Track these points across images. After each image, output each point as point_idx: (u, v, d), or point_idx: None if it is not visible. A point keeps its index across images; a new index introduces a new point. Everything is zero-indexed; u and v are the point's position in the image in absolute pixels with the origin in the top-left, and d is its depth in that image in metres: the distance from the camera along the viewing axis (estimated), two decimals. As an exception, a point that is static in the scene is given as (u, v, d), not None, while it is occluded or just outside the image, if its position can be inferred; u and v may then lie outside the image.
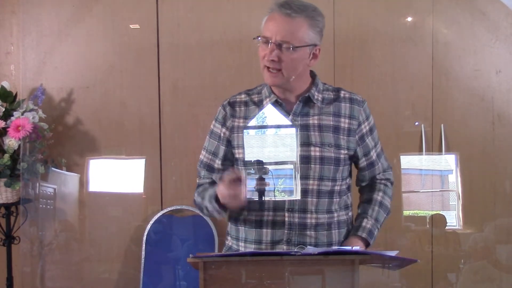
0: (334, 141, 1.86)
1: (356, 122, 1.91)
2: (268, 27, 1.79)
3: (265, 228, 1.86)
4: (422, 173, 3.10)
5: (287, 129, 1.82)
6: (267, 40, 1.78)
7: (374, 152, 1.97)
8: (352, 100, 1.93)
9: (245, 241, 1.90)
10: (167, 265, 2.93)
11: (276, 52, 1.77)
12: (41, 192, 2.94)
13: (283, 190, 1.79)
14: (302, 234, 1.85)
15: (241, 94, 1.98)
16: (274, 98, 1.88)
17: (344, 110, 1.90)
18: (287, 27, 1.77)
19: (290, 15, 1.76)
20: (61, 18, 3.02)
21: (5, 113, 2.82)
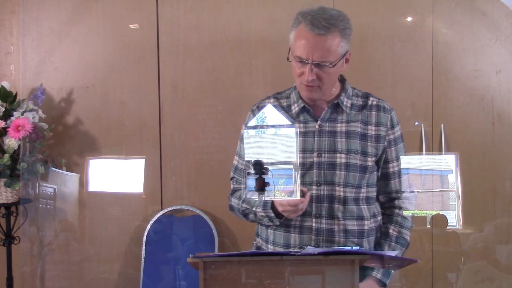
0: (361, 148, 1.87)
1: (384, 129, 1.92)
2: (302, 47, 1.76)
3: (293, 232, 1.87)
4: (422, 173, 3.10)
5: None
6: (303, 60, 1.77)
7: (394, 164, 1.94)
8: (379, 107, 1.94)
9: (274, 243, 1.92)
10: (167, 265, 2.93)
11: (314, 71, 1.77)
12: (41, 192, 2.94)
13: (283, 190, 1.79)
14: (330, 240, 1.86)
15: (270, 98, 1.98)
16: (302, 104, 1.89)
17: (371, 117, 1.91)
18: (322, 46, 1.75)
19: (324, 34, 1.74)
20: (61, 18, 3.02)
21: (5, 113, 2.82)
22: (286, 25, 2.97)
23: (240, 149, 1.98)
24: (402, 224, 1.94)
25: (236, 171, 2.00)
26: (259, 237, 2.01)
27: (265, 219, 1.87)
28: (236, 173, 1.99)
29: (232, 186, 2.01)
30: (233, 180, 2.01)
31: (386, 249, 1.90)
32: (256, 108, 1.96)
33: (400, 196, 1.96)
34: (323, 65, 1.77)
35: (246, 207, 1.91)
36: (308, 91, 1.83)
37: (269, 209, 1.83)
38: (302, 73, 1.79)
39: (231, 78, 2.98)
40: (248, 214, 1.92)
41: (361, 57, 2.99)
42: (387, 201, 1.97)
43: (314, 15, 1.76)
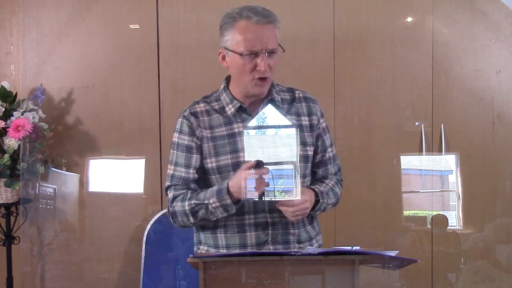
0: (300, 139, 1.90)
1: (316, 118, 1.97)
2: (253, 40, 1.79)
3: (249, 231, 1.87)
4: (422, 173, 3.10)
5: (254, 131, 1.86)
6: (255, 53, 1.79)
7: (330, 151, 2.02)
8: (306, 98, 1.99)
9: (227, 247, 1.90)
10: (167, 265, 2.93)
11: (267, 62, 1.80)
12: (41, 192, 2.94)
13: (283, 190, 1.79)
14: (285, 233, 1.88)
15: (199, 103, 1.97)
16: (238, 104, 1.90)
17: (301, 109, 1.96)
18: (272, 34, 1.80)
19: (269, 23, 1.80)
20: (61, 18, 3.02)
21: (5, 113, 2.82)
22: (286, 25, 2.98)
23: (174, 156, 1.93)
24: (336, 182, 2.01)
25: (174, 178, 1.93)
26: (203, 244, 1.97)
27: (218, 210, 1.81)
28: (174, 181, 1.93)
29: (171, 194, 1.93)
30: (170, 189, 1.95)
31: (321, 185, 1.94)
32: (189, 114, 1.93)
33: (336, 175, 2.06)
34: (274, 53, 1.81)
35: (195, 202, 1.84)
36: (261, 86, 1.85)
37: (226, 195, 1.78)
38: (254, 67, 1.80)
39: (231, 78, 2.98)
40: (198, 211, 1.84)
41: (361, 57, 2.99)
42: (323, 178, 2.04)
43: (251, 10, 1.80)
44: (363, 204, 2.96)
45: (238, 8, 1.83)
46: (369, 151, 3.00)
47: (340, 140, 2.96)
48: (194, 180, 1.91)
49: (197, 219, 1.88)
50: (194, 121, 1.91)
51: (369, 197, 2.98)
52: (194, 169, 1.90)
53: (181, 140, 1.92)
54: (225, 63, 1.91)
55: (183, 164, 1.91)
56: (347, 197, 2.89)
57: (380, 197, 2.99)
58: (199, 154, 1.90)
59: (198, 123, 1.91)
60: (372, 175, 2.99)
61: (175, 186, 1.93)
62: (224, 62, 1.91)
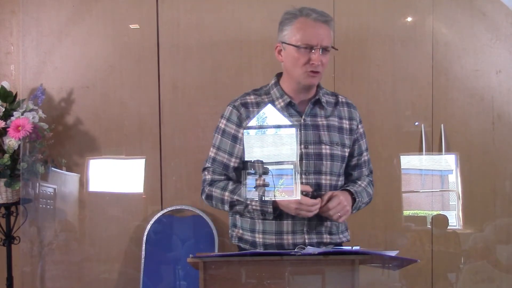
0: (340, 140, 2.03)
1: (355, 122, 2.10)
2: (310, 35, 1.90)
3: (286, 219, 1.95)
4: (422, 173, 3.10)
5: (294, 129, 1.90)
6: (310, 47, 1.90)
7: (365, 155, 2.16)
8: (348, 104, 2.12)
9: (264, 232, 1.97)
10: (167, 265, 2.93)
11: (321, 57, 1.92)
12: (41, 192, 2.94)
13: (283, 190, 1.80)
14: (319, 224, 1.98)
15: (249, 95, 2.06)
16: (288, 99, 2.00)
17: (343, 113, 2.09)
18: (327, 33, 1.93)
19: (327, 22, 1.93)
20: (61, 18, 3.02)
21: (5, 113, 2.82)
22: (286, 25, 2.98)
23: (218, 141, 2.03)
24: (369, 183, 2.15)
25: (215, 162, 2.02)
26: (239, 228, 2.05)
27: (256, 213, 1.93)
28: (215, 165, 2.02)
29: (209, 176, 2.03)
30: (208, 170, 2.04)
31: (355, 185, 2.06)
32: (239, 104, 2.02)
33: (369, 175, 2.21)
34: (328, 50, 1.93)
35: (237, 198, 1.94)
36: (312, 78, 1.95)
37: (269, 204, 1.89)
38: (308, 60, 1.91)
39: (231, 78, 2.98)
40: (237, 205, 1.96)
41: (361, 57, 2.99)
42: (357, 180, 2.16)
43: (310, 9, 1.94)
44: (363, 204, 2.96)
45: (299, 7, 1.95)
46: (369, 151, 2.99)
47: (340, 140, 2.96)
48: (235, 167, 2.00)
49: (232, 210, 2.00)
50: (244, 111, 2.00)
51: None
52: (236, 158, 2.00)
53: (228, 128, 2.02)
54: (280, 57, 2.00)
55: (227, 151, 2.01)
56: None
57: (380, 197, 2.98)
58: (243, 146, 1.94)
59: (247, 114, 1.99)
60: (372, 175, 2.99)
61: (214, 169, 2.03)
62: (280, 56, 2.00)
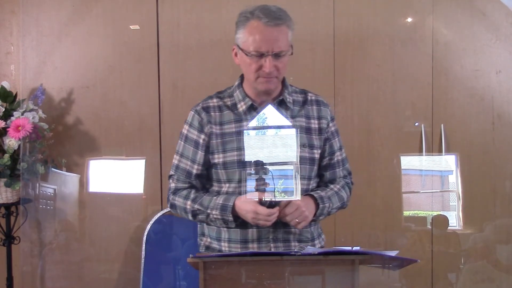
0: (308, 142, 1.94)
1: (325, 121, 2.00)
2: (260, 41, 1.81)
3: (251, 227, 1.89)
4: (422, 174, 3.10)
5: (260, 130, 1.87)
6: (261, 54, 1.82)
7: (339, 154, 2.04)
8: (318, 102, 2.01)
9: (229, 241, 1.92)
10: (167, 265, 2.93)
11: (274, 63, 1.82)
12: (41, 192, 2.94)
13: (283, 190, 1.79)
14: (286, 232, 1.90)
15: (212, 98, 2.01)
16: (249, 102, 1.93)
17: (312, 112, 1.98)
18: (280, 37, 1.81)
19: (279, 25, 1.81)
20: (61, 18, 3.02)
21: (5, 113, 2.82)
22: (286, 25, 2.98)
23: (182, 148, 1.98)
24: (343, 186, 2.02)
25: (178, 170, 1.99)
26: (207, 236, 2.01)
27: (218, 221, 1.89)
28: (178, 172, 1.99)
29: (173, 184, 2.01)
30: (173, 178, 2.01)
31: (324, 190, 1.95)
32: (201, 109, 1.96)
33: (345, 178, 2.08)
34: (281, 55, 1.82)
35: (198, 208, 1.90)
36: (267, 83, 1.86)
37: (229, 213, 1.84)
38: (260, 67, 1.83)
39: (231, 78, 2.96)
40: (199, 214, 1.92)
41: (361, 57, 2.99)
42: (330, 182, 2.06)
43: (263, 10, 1.81)
44: (363, 204, 2.96)
45: (253, 7, 1.85)
46: (369, 151, 3.00)
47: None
48: (197, 174, 1.96)
49: (195, 220, 1.96)
50: (205, 116, 1.95)
51: (369, 197, 2.97)
52: (198, 164, 1.95)
53: (190, 134, 1.97)
54: (237, 60, 1.93)
55: (189, 158, 1.96)
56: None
57: (380, 197, 2.99)
58: (204, 152, 1.94)
59: (208, 118, 1.94)
60: (372, 175, 2.99)
61: (178, 177, 1.99)
62: (236, 58, 1.93)
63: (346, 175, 2.08)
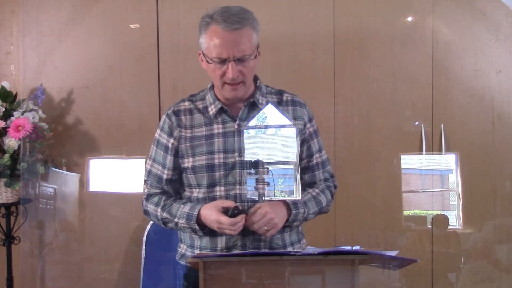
0: None
1: (302, 122, 1.92)
2: (220, 47, 1.74)
3: (219, 235, 1.85)
4: (422, 173, 3.10)
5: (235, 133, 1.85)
6: (222, 60, 1.76)
7: (318, 156, 1.96)
8: (294, 102, 1.94)
9: (200, 248, 1.90)
10: (167, 265, 2.93)
11: (237, 68, 1.77)
12: (41, 192, 2.94)
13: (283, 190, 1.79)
14: (256, 239, 1.85)
15: (184, 101, 1.96)
16: (219, 105, 1.88)
17: (288, 112, 1.91)
18: (240, 41, 1.74)
19: (239, 29, 1.73)
20: (61, 18, 3.02)
21: (5, 113, 2.82)
22: (286, 26, 2.98)
23: (154, 153, 1.95)
24: (322, 190, 1.93)
25: (150, 175, 1.95)
26: (183, 243, 1.98)
27: (187, 230, 1.86)
28: (150, 177, 1.95)
29: (146, 190, 1.97)
30: (146, 184, 1.97)
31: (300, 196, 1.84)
32: (171, 113, 1.93)
33: (326, 181, 1.98)
34: (245, 59, 1.76)
35: (166, 216, 1.87)
36: (233, 91, 1.82)
37: (194, 222, 1.81)
38: (224, 73, 1.78)
39: (231, 78, 2.98)
40: (168, 223, 1.89)
41: (361, 57, 2.99)
42: (310, 185, 1.98)
43: (222, 14, 1.74)
44: (363, 204, 2.96)
45: (214, 9, 1.77)
46: (369, 151, 3.00)
47: (340, 140, 2.96)
48: (169, 180, 1.93)
49: (167, 227, 1.92)
50: (175, 120, 1.92)
51: (369, 197, 2.97)
52: (168, 169, 1.92)
53: (161, 138, 1.94)
54: (203, 64, 1.86)
55: (160, 163, 1.93)
56: (347, 197, 2.91)
57: (380, 197, 2.99)
58: (173, 157, 1.90)
59: (178, 122, 1.91)
60: (372, 175, 2.99)
61: (151, 183, 1.96)
62: (202, 63, 1.86)
63: (327, 178, 1.99)
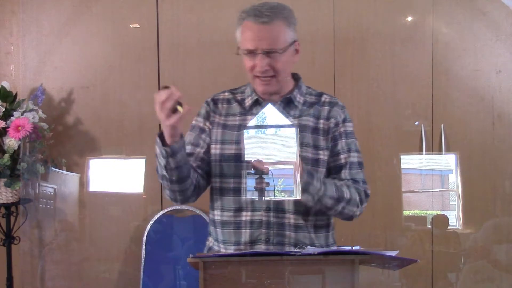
0: (313, 142, 1.86)
1: (334, 121, 1.90)
2: (249, 39, 1.79)
3: (244, 228, 1.85)
4: (422, 173, 3.10)
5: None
6: (253, 52, 1.80)
7: (346, 156, 1.90)
8: (331, 103, 1.94)
9: (224, 242, 1.90)
10: (167, 265, 2.93)
11: (266, 61, 1.79)
12: (41, 192, 2.94)
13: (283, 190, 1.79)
14: (280, 234, 1.84)
15: (225, 92, 2.00)
16: (255, 97, 1.91)
17: (323, 112, 1.91)
18: (268, 35, 1.78)
19: (267, 22, 1.77)
20: (61, 18, 3.02)
21: (5, 113, 2.82)
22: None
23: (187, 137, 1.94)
24: (348, 185, 1.85)
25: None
26: (211, 236, 1.98)
27: (160, 157, 1.78)
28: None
29: None
30: None
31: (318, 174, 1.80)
32: (210, 100, 1.97)
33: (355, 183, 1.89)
34: (273, 52, 1.78)
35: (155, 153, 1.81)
36: (263, 85, 1.84)
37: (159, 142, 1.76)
38: (254, 66, 1.81)
39: (231, 78, 2.98)
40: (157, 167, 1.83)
41: (361, 57, 2.99)
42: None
43: (256, 8, 1.79)
44: (363, 204, 2.96)
45: (250, 5, 1.82)
46: (369, 151, 2.99)
47: (340, 140, 2.96)
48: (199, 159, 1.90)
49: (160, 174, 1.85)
50: (212, 106, 1.95)
51: (369, 197, 2.97)
52: (202, 148, 1.92)
53: (196, 122, 1.97)
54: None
55: (191, 143, 1.93)
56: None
57: (380, 197, 2.99)
58: (209, 137, 1.92)
59: (215, 109, 1.95)
60: (372, 175, 2.98)
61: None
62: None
63: (357, 181, 1.90)
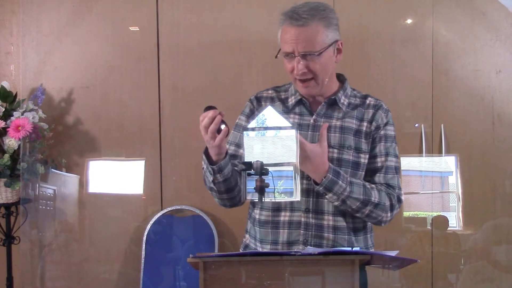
0: (355, 144, 1.85)
1: (375, 124, 1.89)
2: (286, 41, 1.79)
3: (282, 228, 1.85)
4: (422, 175, 3.10)
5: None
6: (289, 54, 1.79)
7: (383, 160, 1.88)
8: (376, 106, 1.91)
9: (261, 241, 1.89)
10: (167, 265, 2.93)
11: (303, 63, 1.78)
12: (41, 193, 2.94)
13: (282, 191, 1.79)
14: (319, 236, 1.83)
15: (268, 90, 1.99)
16: (299, 96, 1.90)
17: (368, 115, 1.89)
18: (304, 37, 1.76)
19: (303, 25, 1.75)
20: (61, 18, 3.02)
21: (5, 113, 2.82)
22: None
23: (231, 136, 1.94)
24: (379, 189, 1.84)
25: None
26: (248, 234, 1.98)
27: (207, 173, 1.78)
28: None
29: None
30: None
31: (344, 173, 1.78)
32: (254, 98, 1.97)
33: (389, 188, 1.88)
34: (309, 54, 1.77)
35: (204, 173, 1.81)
36: (304, 87, 1.84)
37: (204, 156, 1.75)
38: (293, 68, 1.81)
39: (231, 78, 2.98)
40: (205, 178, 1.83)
41: (361, 57, 2.99)
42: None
43: (294, 10, 1.78)
44: (363, 204, 2.95)
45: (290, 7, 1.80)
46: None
47: (340, 140, 2.96)
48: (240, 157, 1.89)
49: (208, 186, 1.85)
50: (256, 104, 1.95)
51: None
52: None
53: (239, 121, 1.97)
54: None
55: (234, 143, 1.93)
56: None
57: (380, 197, 2.99)
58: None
59: (258, 107, 1.94)
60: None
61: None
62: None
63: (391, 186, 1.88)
